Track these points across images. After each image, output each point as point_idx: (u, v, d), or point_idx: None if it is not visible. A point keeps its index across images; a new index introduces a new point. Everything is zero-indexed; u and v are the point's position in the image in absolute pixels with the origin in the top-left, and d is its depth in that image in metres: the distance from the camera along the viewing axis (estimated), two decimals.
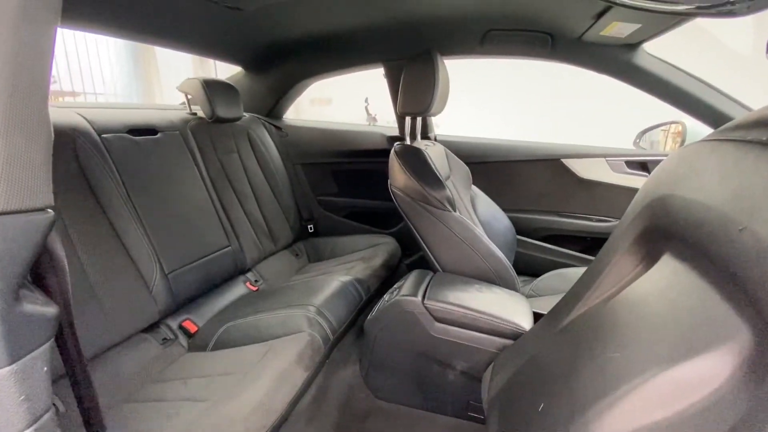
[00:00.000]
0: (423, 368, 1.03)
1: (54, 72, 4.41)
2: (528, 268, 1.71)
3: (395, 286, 1.13)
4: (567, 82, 3.43)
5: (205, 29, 1.48)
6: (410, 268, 1.86)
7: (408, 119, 1.33)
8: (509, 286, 1.15)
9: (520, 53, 1.50)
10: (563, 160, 1.67)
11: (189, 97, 1.62)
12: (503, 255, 1.15)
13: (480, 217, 1.47)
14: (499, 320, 0.94)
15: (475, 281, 1.12)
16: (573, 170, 1.66)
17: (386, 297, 1.09)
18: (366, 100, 4.04)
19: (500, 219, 1.56)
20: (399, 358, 1.05)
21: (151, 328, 1.19)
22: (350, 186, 2.03)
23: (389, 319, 1.02)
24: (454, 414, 1.02)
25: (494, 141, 1.81)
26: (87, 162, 1.10)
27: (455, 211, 1.16)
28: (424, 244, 1.19)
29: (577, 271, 1.47)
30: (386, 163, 1.27)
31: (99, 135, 1.18)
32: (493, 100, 4.45)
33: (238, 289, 1.48)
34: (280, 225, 1.82)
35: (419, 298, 0.99)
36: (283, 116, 2.13)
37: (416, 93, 1.24)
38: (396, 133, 1.91)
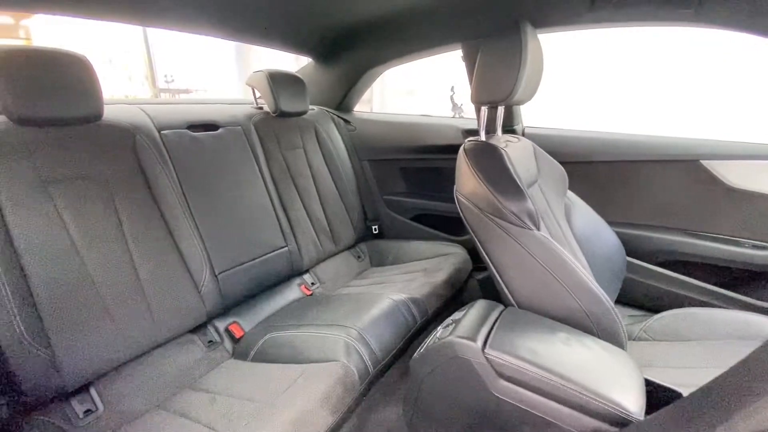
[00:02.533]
0: (480, 429, 0.81)
1: (170, 71, 4.99)
2: (639, 301, 1.33)
3: (452, 318, 0.91)
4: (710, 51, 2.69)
5: (273, 18, 1.41)
6: (482, 286, 1.60)
7: (484, 109, 1.07)
8: (611, 336, 0.85)
9: (647, 18, 1.12)
10: (704, 162, 1.24)
11: (256, 91, 1.58)
12: (603, 293, 0.85)
13: (576, 233, 1.16)
14: (591, 395, 0.67)
15: (561, 326, 0.84)
16: (718, 175, 1.22)
17: (439, 331, 0.88)
18: (452, 89, 3.76)
19: (604, 236, 1.22)
20: (450, 412, 0.85)
21: (198, 329, 1.16)
22: (419, 185, 1.83)
23: (439, 362, 0.82)
24: None
25: (602, 135, 1.43)
26: (144, 157, 1.09)
27: (539, 228, 0.89)
28: (493, 269, 0.95)
29: (716, 314, 1.07)
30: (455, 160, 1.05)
31: (159, 131, 1.18)
32: (599, 79, 3.73)
33: (291, 293, 1.41)
34: (342, 225, 1.71)
35: (479, 343, 0.77)
36: (353, 109, 2.01)
37: (495, 76, 0.98)
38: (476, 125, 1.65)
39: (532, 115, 1.58)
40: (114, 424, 0.90)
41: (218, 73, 5.24)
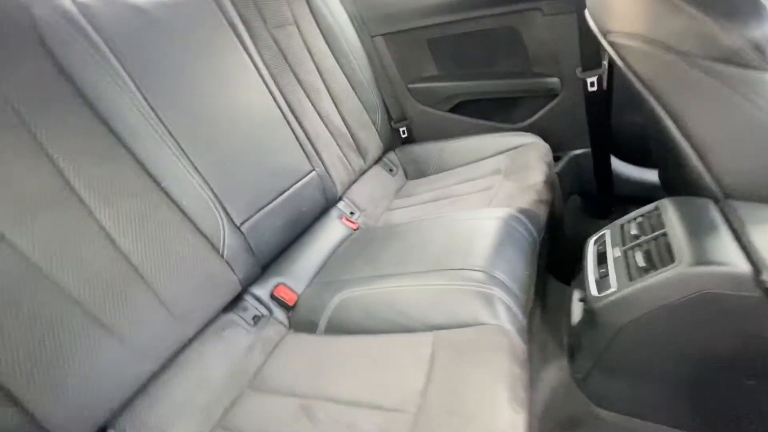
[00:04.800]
0: (713, 383, 0.57)
1: None
2: None
3: (617, 233, 0.62)
4: None
5: None
6: (562, 181, 1.30)
7: None
8: None
9: None
10: None
11: None
12: None
13: None
14: None
15: None
16: None
17: (616, 254, 0.58)
18: None
19: None
20: (665, 365, 0.59)
21: (234, 304, 0.81)
22: (457, 62, 1.38)
23: (664, 303, 0.53)
24: None
25: None
26: (61, 49, 0.60)
27: None
28: (688, 147, 0.62)
29: None
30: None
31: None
32: None
33: (335, 231, 1.04)
34: (365, 131, 1.29)
35: (745, 269, 0.48)
36: None
37: None
38: None
39: None
40: None
41: None
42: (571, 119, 1.24)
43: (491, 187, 1.04)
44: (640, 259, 0.58)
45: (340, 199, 1.15)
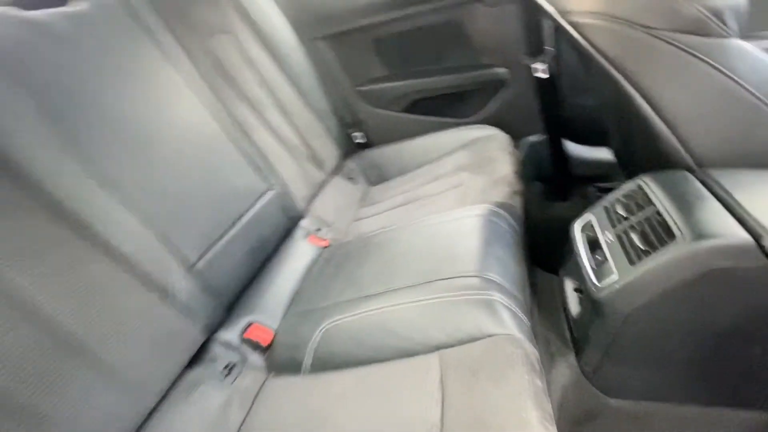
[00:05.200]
0: (721, 355, 0.56)
1: None
2: None
3: (602, 214, 0.61)
4: None
5: None
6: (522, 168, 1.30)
7: None
8: None
9: None
10: None
11: None
12: None
13: None
14: None
15: None
16: None
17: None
18: None
19: None
20: (675, 345, 0.58)
21: (200, 356, 0.70)
22: (406, 59, 1.33)
23: (668, 285, 0.51)
24: None
25: None
26: None
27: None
28: (658, 121, 0.62)
29: None
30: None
31: None
32: None
33: (304, 252, 0.95)
34: (320, 140, 1.21)
35: (746, 239, 0.47)
36: None
37: None
38: None
39: None
40: None
41: None
42: (524, 107, 1.25)
43: (461, 183, 1.01)
44: (637, 241, 0.56)
45: (304, 216, 1.05)
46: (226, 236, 0.77)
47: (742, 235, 0.48)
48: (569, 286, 0.74)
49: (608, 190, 1.29)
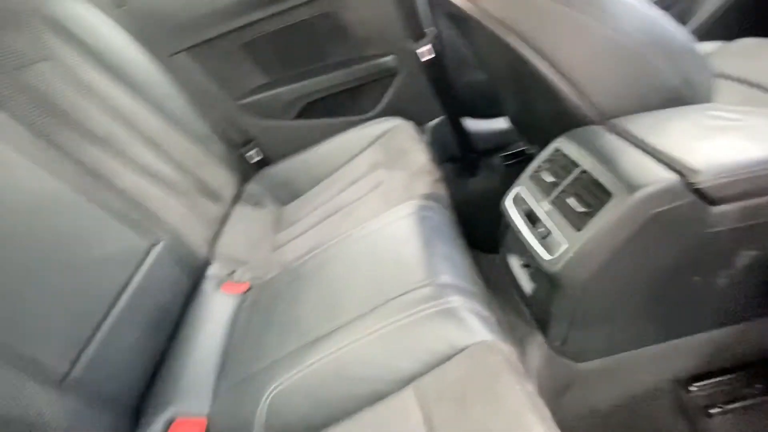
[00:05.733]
0: (667, 292, 0.58)
1: None
2: None
3: (530, 185, 0.59)
4: None
5: None
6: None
7: None
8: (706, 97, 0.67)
9: None
10: None
11: None
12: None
13: None
14: None
15: (678, 112, 0.61)
16: None
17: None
18: None
19: None
20: (631, 295, 0.58)
21: None
22: (284, 63, 1.21)
23: (615, 242, 0.50)
24: (717, 326, 0.64)
25: None
26: None
27: None
28: (557, 82, 0.61)
29: None
30: None
31: None
32: None
33: (219, 305, 0.79)
34: (208, 168, 1.04)
35: (672, 177, 0.47)
36: None
37: None
38: None
39: None
40: None
41: None
42: (420, 92, 1.23)
43: (380, 182, 0.94)
44: (576, 205, 0.54)
45: (210, 261, 0.88)
46: (108, 321, 0.59)
47: (669, 177, 0.48)
48: (515, 263, 0.72)
49: (512, 157, 1.36)
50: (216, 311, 0.77)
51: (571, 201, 0.55)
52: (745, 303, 0.61)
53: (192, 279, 0.81)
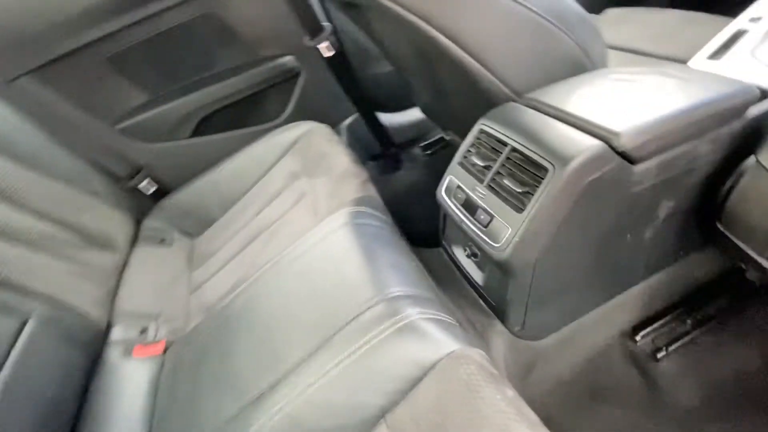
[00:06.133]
0: (607, 255, 0.59)
1: None
2: None
3: (459, 170, 0.57)
4: None
5: None
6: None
7: None
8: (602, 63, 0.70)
9: None
10: None
11: None
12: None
13: None
14: (721, 99, 0.52)
15: (584, 79, 0.63)
16: None
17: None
18: None
19: None
20: (577, 264, 0.58)
21: None
22: (166, 76, 1.04)
23: (561, 216, 0.49)
24: (648, 275, 0.67)
25: None
26: None
27: None
28: (472, 61, 0.59)
29: None
30: None
31: None
32: None
33: (131, 375, 0.64)
34: (89, 213, 0.85)
35: (598, 144, 0.47)
36: None
37: None
38: None
39: None
40: None
41: None
42: (328, 91, 1.15)
43: (303, 193, 0.85)
44: (514, 185, 0.52)
45: (112, 324, 0.72)
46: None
47: (595, 144, 0.48)
48: (461, 254, 0.69)
49: (431, 146, 1.36)
50: (129, 384, 0.63)
51: (507, 181, 0.53)
52: (669, 249, 0.65)
53: (88, 352, 0.65)
